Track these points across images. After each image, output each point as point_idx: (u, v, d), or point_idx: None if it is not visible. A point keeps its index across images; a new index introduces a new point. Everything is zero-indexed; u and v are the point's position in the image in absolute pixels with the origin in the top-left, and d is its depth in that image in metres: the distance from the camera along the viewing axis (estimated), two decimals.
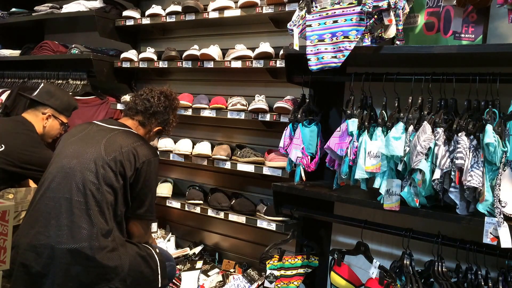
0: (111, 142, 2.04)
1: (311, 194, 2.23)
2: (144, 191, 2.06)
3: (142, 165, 2.03)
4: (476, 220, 1.74)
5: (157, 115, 2.27)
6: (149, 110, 2.25)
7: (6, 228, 1.58)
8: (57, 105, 2.71)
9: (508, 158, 1.72)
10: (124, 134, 2.11)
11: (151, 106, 2.25)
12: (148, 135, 2.31)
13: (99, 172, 1.96)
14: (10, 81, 3.85)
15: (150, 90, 2.33)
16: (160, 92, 2.32)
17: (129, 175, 2.00)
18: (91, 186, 1.94)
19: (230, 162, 2.75)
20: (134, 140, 2.09)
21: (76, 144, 2.08)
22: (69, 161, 2.00)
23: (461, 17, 1.98)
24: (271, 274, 2.35)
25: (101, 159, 1.98)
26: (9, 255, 1.62)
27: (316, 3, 2.14)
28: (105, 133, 2.09)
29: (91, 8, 3.36)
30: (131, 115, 2.27)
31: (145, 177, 2.04)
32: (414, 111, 1.98)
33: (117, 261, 1.93)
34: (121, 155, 2.00)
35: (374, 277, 2.04)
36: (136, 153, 2.03)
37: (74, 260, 1.87)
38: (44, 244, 1.90)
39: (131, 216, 2.06)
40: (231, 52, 2.78)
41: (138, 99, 2.28)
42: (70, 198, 1.93)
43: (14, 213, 2.03)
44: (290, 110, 2.43)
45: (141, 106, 2.25)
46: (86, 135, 2.11)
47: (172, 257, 2.45)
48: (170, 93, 2.36)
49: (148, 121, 2.27)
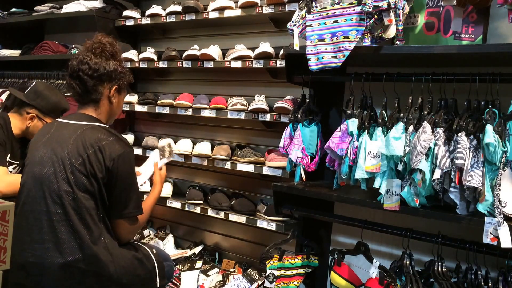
0: (78, 143, 1.87)
1: (311, 194, 2.23)
2: (124, 189, 1.91)
3: (113, 163, 1.86)
4: (476, 220, 1.74)
5: (100, 79, 1.96)
6: (88, 85, 1.95)
7: (6, 228, 1.58)
8: (42, 106, 2.60)
9: (508, 158, 1.72)
10: (90, 131, 1.91)
11: (86, 81, 1.94)
12: (114, 104, 2.05)
13: (70, 179, 1.83)
14: (10, 81, 3.85)
15: (73, 58, 2.00)
16: (86, 51, 1.99)
17: (101, 176, 1.85)
18: (66, 195, 1.82)
19: (230, 162, 2.75)
20: (101, 137, 1.88)
21: (44, 149, 1.93)
22: (41, 170, 1.88)
23: (461, 17, 1.98)
24: (271, 274, 2.35)
25: (71, 165, 1.84)
26: (9, 255, 1.61)
27: (316, 3, 2.14)
28: (70, 133, 1.92)
29: (91, 8, 3.36)
30: (81, 101, 2.01)
31: (120, 174, 1.88)
32: (414, 111, 1.98)
33: (111, 268, 1.85)
34: (88, 157, 1.84)
35: (374, 277, 2.04)
36: (104, 152, 1.86)
37: (66, 274, 1.81)
38: (31, 262, 1.82)
39: (117, 217, 1.94)
40: (231, 52, 2.78)
41: (71, 80, 1.98)
42: (48, 211, 1.83)
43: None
44: (290, 110, 2.43)
45: (79, 87, 1.96)
46: (51, 137, 1.95)
47: (169, 256, 2.43)
48: (95, 44, 2.00)
49: (98, 93, 1.98)
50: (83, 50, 2.02)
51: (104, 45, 2.01)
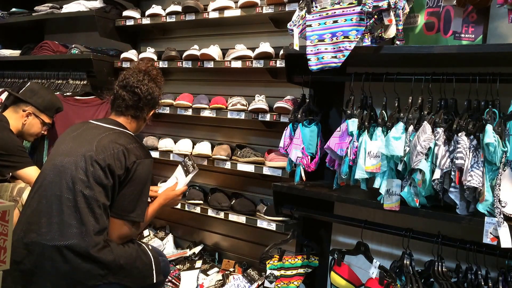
0: (104, 141, 2.00)
1: (311, 194, 2.23)
2: (134, 192, 2.00)
3: (133, 165, 1.98)
4: (476, 220, 1.74)
5: (148, 102, 2.17)
6: (139, 103, 2.14)
7: (6, 228, 1.58)
8: (39, 103, 2.68)
9: (508, 158, 1.72)
10: (118, 135, 2.07)
11: (140, 99, 2.13)
12: (144, 122, 2.25)
13: (88, 170, 1.93)
14: (10, 81, 3.85)
15: (131, 74, 2.16)
16: (143, 73, 2.17)
17: (119, 173, 1.95)
18: (81, 183, 1.92)
19: (230, 162, 2.75)
20: (127, 141, 2.04)
21: (70, 142, 2.06)
22: (62, 159, 1.99)
23: (461, 17, 1.98)
24: (271, 274, 2.35)
25: (91, 157, 1.95)
26: (9, 255, 1.61)
27: (316, 3, 2.14)
28: (99, 132, 2.05)
29: (91, 8, 3.36)
30: (121, 111, 2.16)
31: (136, 176, 1.99)
32: (414, 111, 1.98)
33: (109, 257, 1.91)
34: (111, 154, 1.96)
35: (374, 277, 2.04)
36: (127, 153, 1.98)
37: (64, 257, 1.86)
38: (35, 242, 1.89)
39: (118, 217, 2.00)
40: (231, 52, 2.78)
41: (124, 91, 2.13)
42: (60, 195, 1.92)
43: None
44: (290, 110, 2.43)
45: (130, 101, 2.13)
46: (80, 134, 2.09)
47: (163, 253, 2.45)
48: (151, 71, 2.21)
49: (141, 113, 2.17)
50: (138, 70, 2.19)
51: (158, 72, 2.25)
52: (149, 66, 2.24)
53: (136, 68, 2.22)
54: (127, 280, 1.98)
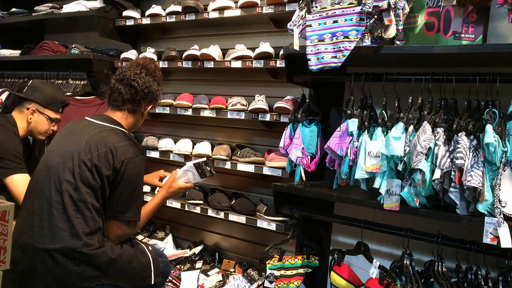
0: (92, 140, 1.96)
1: (311, 194, 2.23)
2: (126, 192, 1.97)
3: (121, 165, 1.93)
4: (476, 220, 1.74)
5: (146, 96, 2.12)
6: (136, 97, 2.09)
7: (6, 228, 1.58)
8: (40, 99, 2.65)
9: (508, 158, 1.72)
10: (109, 132, 2.01)
11: (137, 92, 2.09)
12: (142, 118, 2.21)
13: (75, 171, 1.90)
14: (10, 81, 3.85)
15: (128, 68, 2.13)
16: (141, 67, 2.13)
17: (107, 174, 1.91)
18: (67, 185, 1.90)
19: (230, 162, 2.74)
20: (117, 140, 1.99)
21: (61, 141, 2.05)
22: (52, 159, 1.98)
23: (461, 17, 1.98)
24: (271, 274, 2.35)
25: (78, 157, 1.92)
26: (9, 255, 1.61)
27: (316, 3, 2.14)
28: (90, 130, 2.01)
29: (91, 8, 3.36)
30: (117, 106, 2.12)
31: (126, 176, 1.95)
32: (414, 111, 1.98)
33: (102, 258, 1.89)
34: (98, 154, 1.92)
35: (374, 277, 2.05)
36: (115, 153, 1.93)
37: (55, 260, 1.85)
38: (28, 244, 1.89)
39: (112, 218, 1.98)
40: (231, 52, 2.78)
41: (121, 85, 2.09)
42: (50, 198, 1.91)
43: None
44: (290, 110, 2.43)
45: (126, 94, 2.08)
46: (73, 131, 2.06)
47: (164, 254, 2.44)
48: (149, 64, 2.17)
49: (138, 107, 2.12)
50: (136, 64, 2.16)
51: (156, 67, 2.21)
52: (147, 60, 2.21)
53: (134, 62, 2.19)
54: (121, 281, 1.96)
